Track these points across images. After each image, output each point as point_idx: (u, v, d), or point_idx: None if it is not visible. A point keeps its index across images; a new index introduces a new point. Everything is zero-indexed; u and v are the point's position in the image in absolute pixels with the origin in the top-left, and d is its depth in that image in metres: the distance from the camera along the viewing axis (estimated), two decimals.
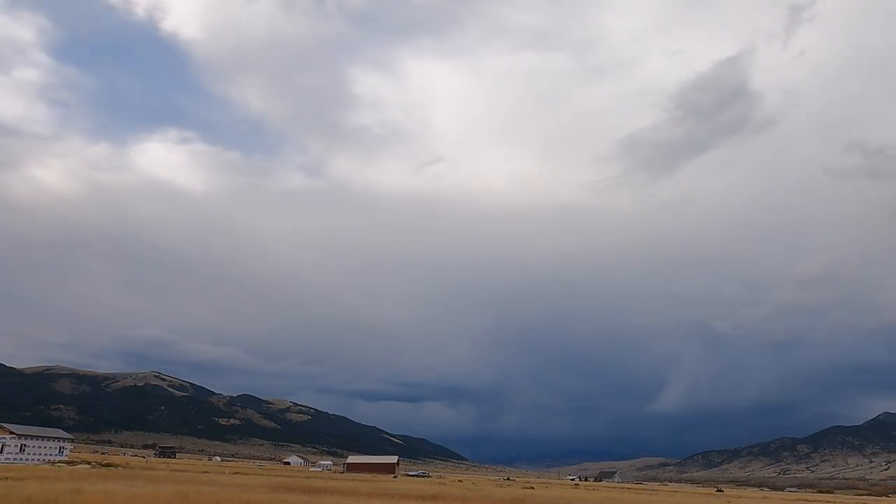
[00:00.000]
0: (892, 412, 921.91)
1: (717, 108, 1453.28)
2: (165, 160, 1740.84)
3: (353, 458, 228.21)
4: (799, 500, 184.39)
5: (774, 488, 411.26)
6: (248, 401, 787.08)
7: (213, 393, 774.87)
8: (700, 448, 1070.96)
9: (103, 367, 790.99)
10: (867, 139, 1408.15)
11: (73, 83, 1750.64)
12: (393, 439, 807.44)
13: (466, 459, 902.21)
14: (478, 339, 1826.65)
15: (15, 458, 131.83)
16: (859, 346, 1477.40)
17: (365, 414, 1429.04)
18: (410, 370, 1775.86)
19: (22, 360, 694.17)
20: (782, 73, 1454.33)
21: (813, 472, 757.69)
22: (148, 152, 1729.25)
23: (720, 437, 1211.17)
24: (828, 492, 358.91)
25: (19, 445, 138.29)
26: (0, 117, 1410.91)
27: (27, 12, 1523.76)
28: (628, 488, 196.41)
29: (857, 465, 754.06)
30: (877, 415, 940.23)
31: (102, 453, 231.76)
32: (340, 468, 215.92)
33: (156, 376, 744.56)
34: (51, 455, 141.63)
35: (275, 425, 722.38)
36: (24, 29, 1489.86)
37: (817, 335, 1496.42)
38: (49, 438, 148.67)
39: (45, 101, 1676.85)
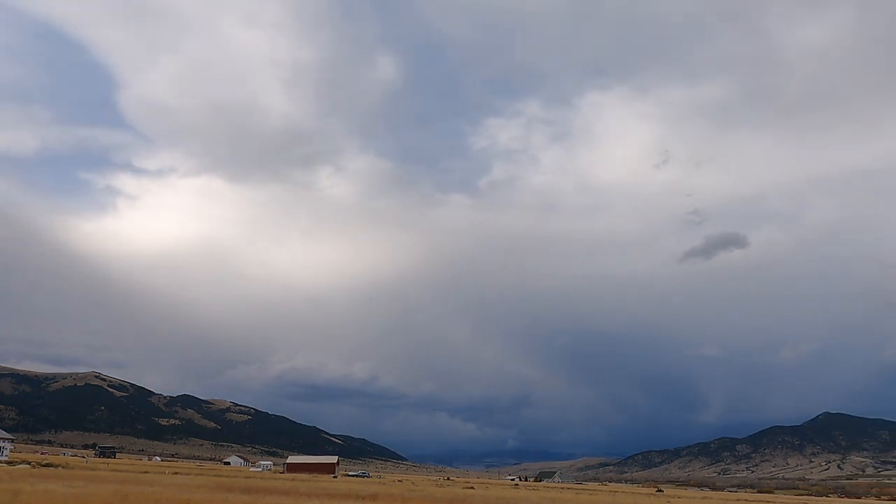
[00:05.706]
0: (833, 412, 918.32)
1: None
2: None
3: (294, 459, 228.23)
4: (739, 500, 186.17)
5: (714, 488, 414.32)
6: (188, 401, 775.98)
7: (153, 393, 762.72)
8: (640, 448, 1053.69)
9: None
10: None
11: None
12: (333, 439, 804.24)
13: (406, 459, 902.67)
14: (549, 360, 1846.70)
15: None
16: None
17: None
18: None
19: None
20: None
21: (753, 472, 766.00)
22: None
23: (660, 437, 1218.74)
24: (768, 492, 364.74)
25: None
26: None
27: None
28: (568, 488, 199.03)
29: (798, 466, 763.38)
30: (817, 415, 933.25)
31: (42, 453, 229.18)
32: (281, 468, 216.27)
33: (95, 376, 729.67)
34: None
35: (215, 425, 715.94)
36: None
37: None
38: None
39: None
